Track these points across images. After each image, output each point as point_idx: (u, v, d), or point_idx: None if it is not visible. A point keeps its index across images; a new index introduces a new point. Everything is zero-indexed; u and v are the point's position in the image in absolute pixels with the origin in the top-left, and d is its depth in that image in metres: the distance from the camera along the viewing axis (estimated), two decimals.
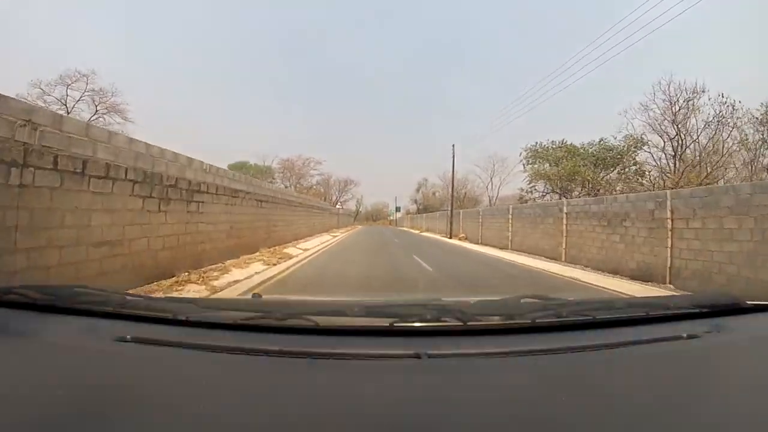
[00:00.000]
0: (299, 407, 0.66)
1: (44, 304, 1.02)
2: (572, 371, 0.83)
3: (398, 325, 0.95)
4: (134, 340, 0.89)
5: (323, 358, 0.83)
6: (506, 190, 44.56)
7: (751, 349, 0.98)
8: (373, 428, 0.62)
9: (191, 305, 1.06)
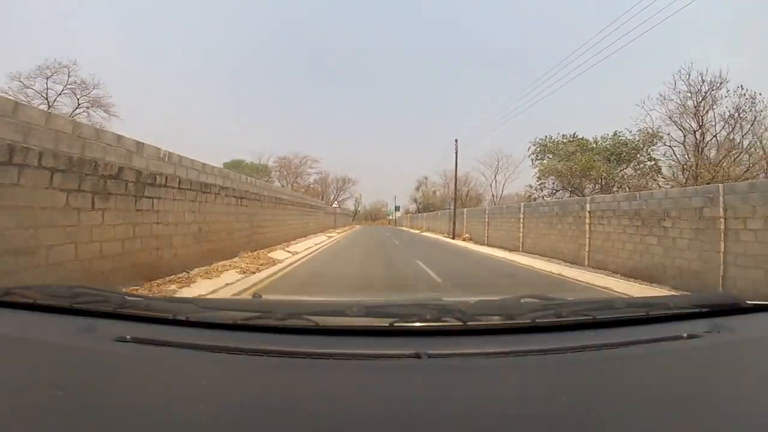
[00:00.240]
0: (299, 407, 0.70)
1: (44, 304, 1.08)
2: (572, 371, 0.87)
3: (398, 325, 1.00)
4: (134, 340, 0.93)
5: (323, 358, 0.87)
6: (510, 188, 43.35)
7: (751, 349, 1.04)
8: (373, 428, 0.65)
9: (191, 305, 1.12)
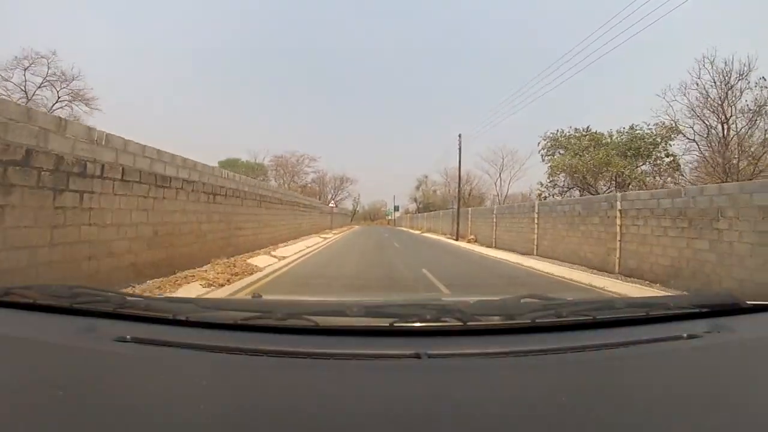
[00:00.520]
0: (299, 407, 0.73)
1: (44, 304, 1.16)
2: (572, 371, 0.92)
3: (398, 325, 1.06)
4: (134, 340, 0.99)
5: (323, 358, 0.92)
6: (515, 187, 41.99)
7: (751, 349, 1.10)
8: (373, 428, 0.68)
9: (191, 305, 1.20)
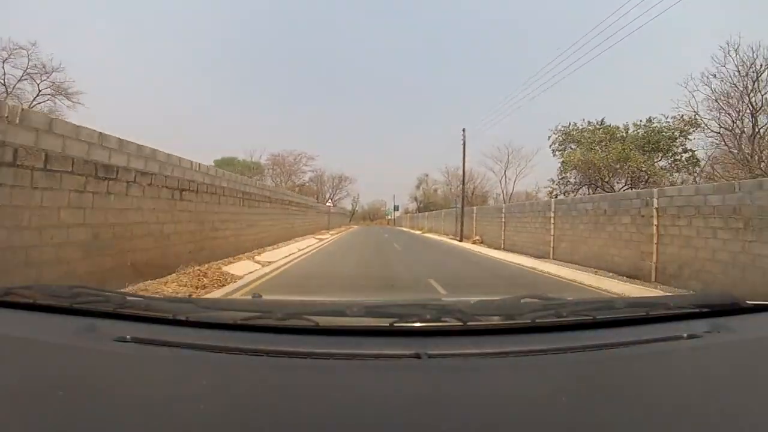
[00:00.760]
0: (299, 407, 0.74)
1: (44, 304, 1.16)
2: (572, 371, 0.93)
3: (398, 325, 1.07)
4: (134, 340, 1.00)
5: (323, 358, 0.93)
6: (519, 186, 40.40)
7: (751, 349, 1.11)
8: (373, 428, 0.69)
9: (191, 305, 1.22)
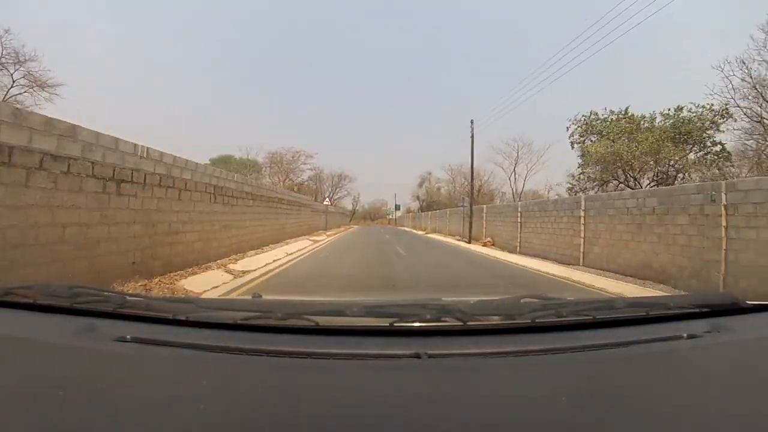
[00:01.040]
0: (299, 407, 0.75)
1: (44, 304, 1.17)
2: (572, 371, 0.94)
3: (398, 325, 1.08)
4: (134, 340, 1.01)
5: (323, 358, 0.94)
6: (530, 183, 38.65)
7: (751, 349, 1.12)
8: (373, 428, 0.70)
9: (191, 305, 1.23)
